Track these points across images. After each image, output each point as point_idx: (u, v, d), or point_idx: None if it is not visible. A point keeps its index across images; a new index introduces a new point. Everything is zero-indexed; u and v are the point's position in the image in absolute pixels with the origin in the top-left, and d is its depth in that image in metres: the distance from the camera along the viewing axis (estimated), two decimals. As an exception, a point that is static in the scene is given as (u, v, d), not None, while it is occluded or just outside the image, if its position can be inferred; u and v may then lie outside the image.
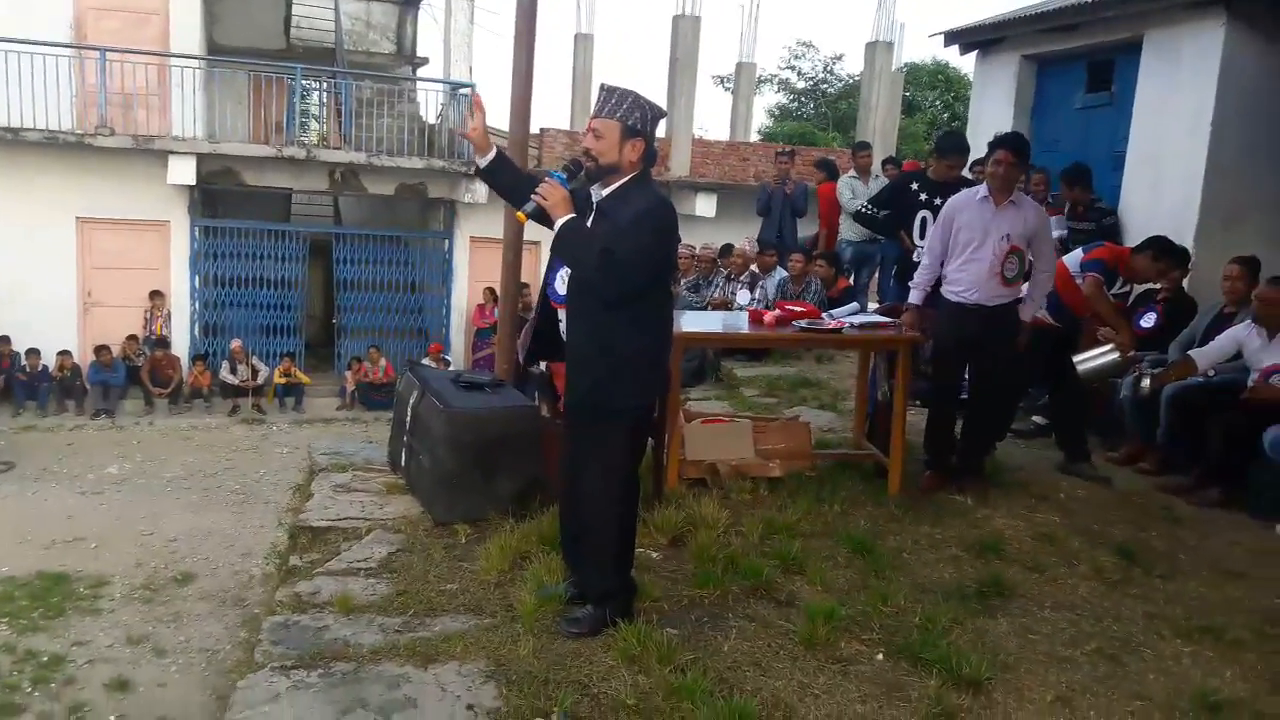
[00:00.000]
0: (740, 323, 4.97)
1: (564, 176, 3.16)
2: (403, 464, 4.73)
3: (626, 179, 3.19)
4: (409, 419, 4.62)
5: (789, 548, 4.07)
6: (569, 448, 3.39)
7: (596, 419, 3.24)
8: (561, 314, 3.48)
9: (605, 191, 3.22)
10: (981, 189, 4.90)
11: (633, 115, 3.15)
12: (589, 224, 3.19)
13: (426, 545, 4.10)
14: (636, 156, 3.18)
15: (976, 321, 4.85)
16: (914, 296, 5.08)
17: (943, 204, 5.53)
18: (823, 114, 31.68)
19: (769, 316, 4.98)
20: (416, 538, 4.17)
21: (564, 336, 3.44)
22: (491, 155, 3.30)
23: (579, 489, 3.36)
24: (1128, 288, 6.02)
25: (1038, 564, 4.23)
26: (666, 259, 3.36)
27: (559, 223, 3.10)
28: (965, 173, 7.78)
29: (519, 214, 3.26)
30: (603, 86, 3.22)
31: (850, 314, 5.28)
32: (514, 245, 4.94)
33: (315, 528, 4.27)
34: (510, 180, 3.37)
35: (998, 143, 4.88)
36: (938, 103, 31.01)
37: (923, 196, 5.67)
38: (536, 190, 3.12)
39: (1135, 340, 5.86)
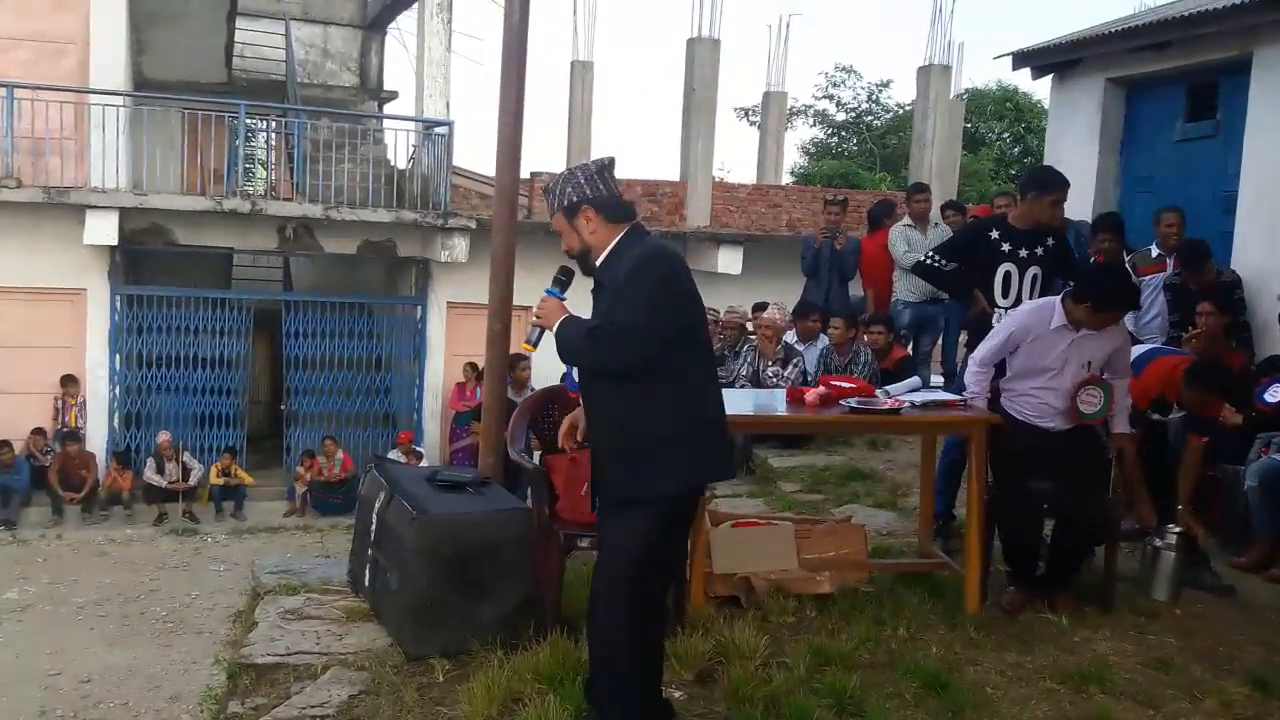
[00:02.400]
0: (776, 403, 4.95)
1: (557, 290, 3.59)
2: (366, 584, 4.69)
3: (611, 245, 3.53)
4: (374, 527, 4.60)
5: (844, 683, 4.02)
6: (602, 543, 3.70)
7: (623, 510, 3.51)
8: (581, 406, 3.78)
9: (597, 265, 3.57)
10: (1054, 313, 4.96)
11: (565, 196, 3.55)
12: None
13: (396, 686, 4.04)
14: (597, 224, 3.52)
15: (1052, 438, 4.98)
16: (973, 377, 5.11)
17: (1031, 255, 5.59)
18: (868, 150, 32.11)
19: (811, 395, 4.97)
20: (384, 676, 4.11)
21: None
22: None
23: (600, 585, 3.59)
24: None
25: (1152, 698, 4.16)
26: (678, 312, 3.47)
27: (554, 329, 3.50)
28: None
29: (526, 346, 3.73)
30: (545, 188, 3.75)
31: (910, 390, 5.27)
32: (501, 313, 4.97)
33: (260, 665, 4.22)
34: None
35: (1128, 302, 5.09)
36: (1006, 135, 31.42)
37: (1006, 246, 5.63)
38: (534, 314, 3.58)
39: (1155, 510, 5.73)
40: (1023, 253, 5.61)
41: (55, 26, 13.65)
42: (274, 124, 17.13)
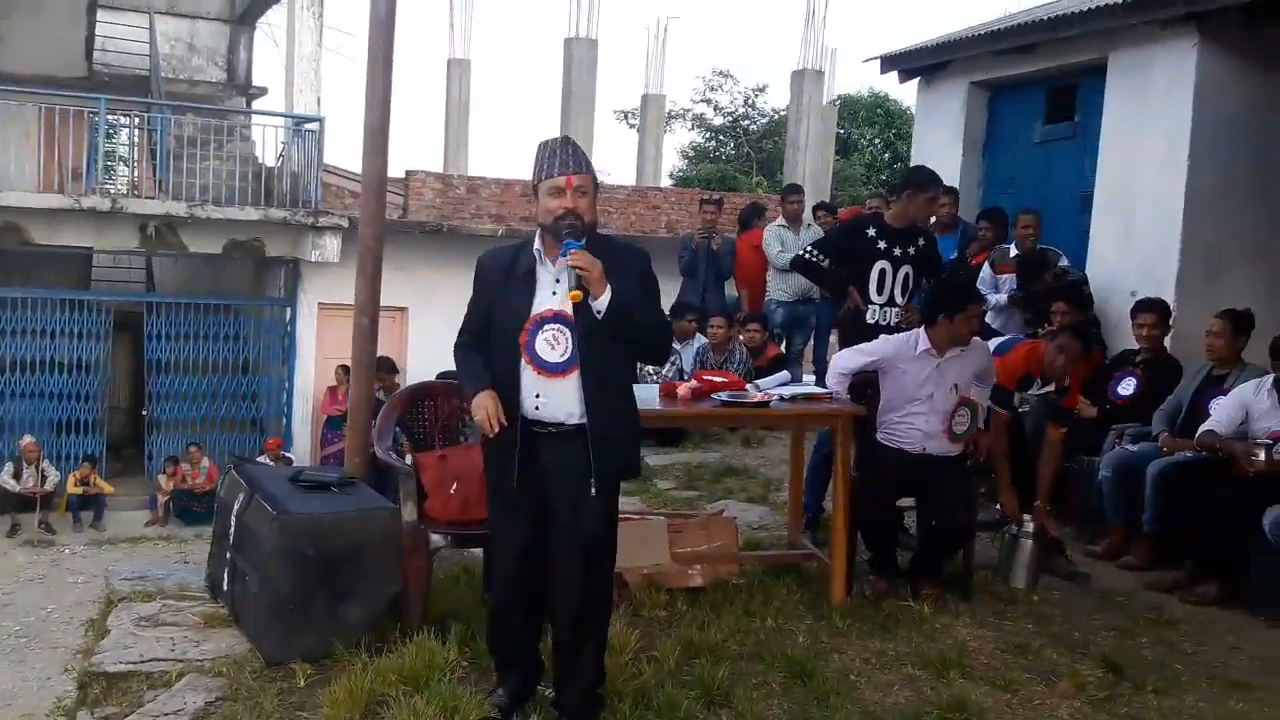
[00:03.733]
0: (649, 397, 4.96)
1: (580, 244, 3.46)
2: (225, 588, 4.56)
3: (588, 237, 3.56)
4: (233, 530, 4.48)
5: (713, 674, 4.04)
6: (579, 524, 3.59)
7: (611, 488, 3.67)
8: (542, 383, 3.55)
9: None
10: (918, 340, 5.12)
11: (593, 167, 3.60)
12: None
13: (255, 691, 3.92)
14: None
15: (920, 463, 5.13)
16: (834, 382, 5.22)
17: (904, 254, 5.74)
18: (745, 154, 32.47)
19: (683, 389, 5.00)
20: (242, 682, 3.99)
21: (530, 408, 3.57)
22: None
23: (582, 573, 3.62)
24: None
25: (1009, 682, 4.27)
26: None
27: (606, 297, 3.44)
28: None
29: (574, 294, 3.44)
30: (565, 139, 3.63)
31: (779, 384, 5.34)
32: (368, 308, 4.87)
33: (111, 673, 4.06)
34: None
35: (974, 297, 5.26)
36: (877, 141, 32.09)
37: (882, 244, 5.80)
38: (572, 261, 3.40)
39: (1017, 501, 5.86)
40: (897, 251, 5.77)
41: (-101, 15, 13.02)
42: (137, 120, 16.60)
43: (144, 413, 14.98)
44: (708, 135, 34.50)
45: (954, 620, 4.90)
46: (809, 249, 6.19)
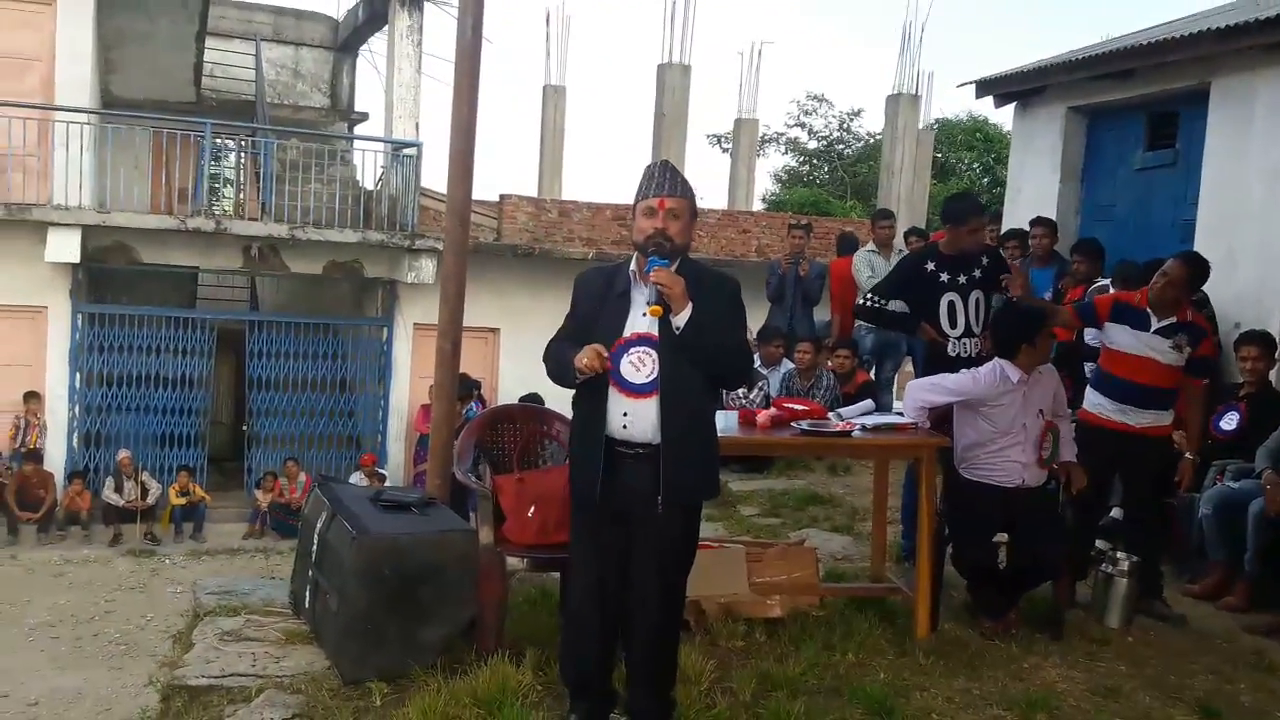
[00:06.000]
0: (728, 425, 4.90)
1: (666, 261, 3.50)
2: (307, 605, 4.60)
3: (680, 260, 3.59)
4: (315, 548, 4.51)
5: (789, 709, 3.96)
6: (655, 557, 3.62)
7: (689, 511, 3.70)
8: (627, 404, 3.57)
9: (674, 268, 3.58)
10: (1005, 371, 4.98)
11: (691, 192, 3.63)
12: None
13: (331, 710, 3.94)
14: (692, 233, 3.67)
15: (1015, 497, 5.00)
16: (912, 415, 5.10)
17: (969, 281, 5.56)
18: (839, 179, 32.24)
19: (762, 416, 4.93)
20: (319, 699, 4.01)
21: (618, 427, 3.59)
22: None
23: (659, 589, 3.64)
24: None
25: (1099, 727, 4.12)
26: None
27: (686, 314, 3.47)
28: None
29: (654, 308, 3.49)
30: (664, 163, 3.70)
31: (863, 413, 5.23)
32: (450, 332, 4.90)
33: (193, 687, 4.11)
34: None
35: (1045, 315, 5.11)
36: (975, 165, 31.62)
37: (944, 277, 5.59)
38: (654, 277, 3.45)
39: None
40: (961, 279, 5.58)
41: (19, 44, 13.51)
42: (243, 144, 17.06)
43: (244, 428, 15.33)
44: (801, 159, 34.35)
45: (1043, 660, 4.75)
46: (869, 295, 5.89)
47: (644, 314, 3.57)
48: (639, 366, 3.55)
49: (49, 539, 12.99)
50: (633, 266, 3.65)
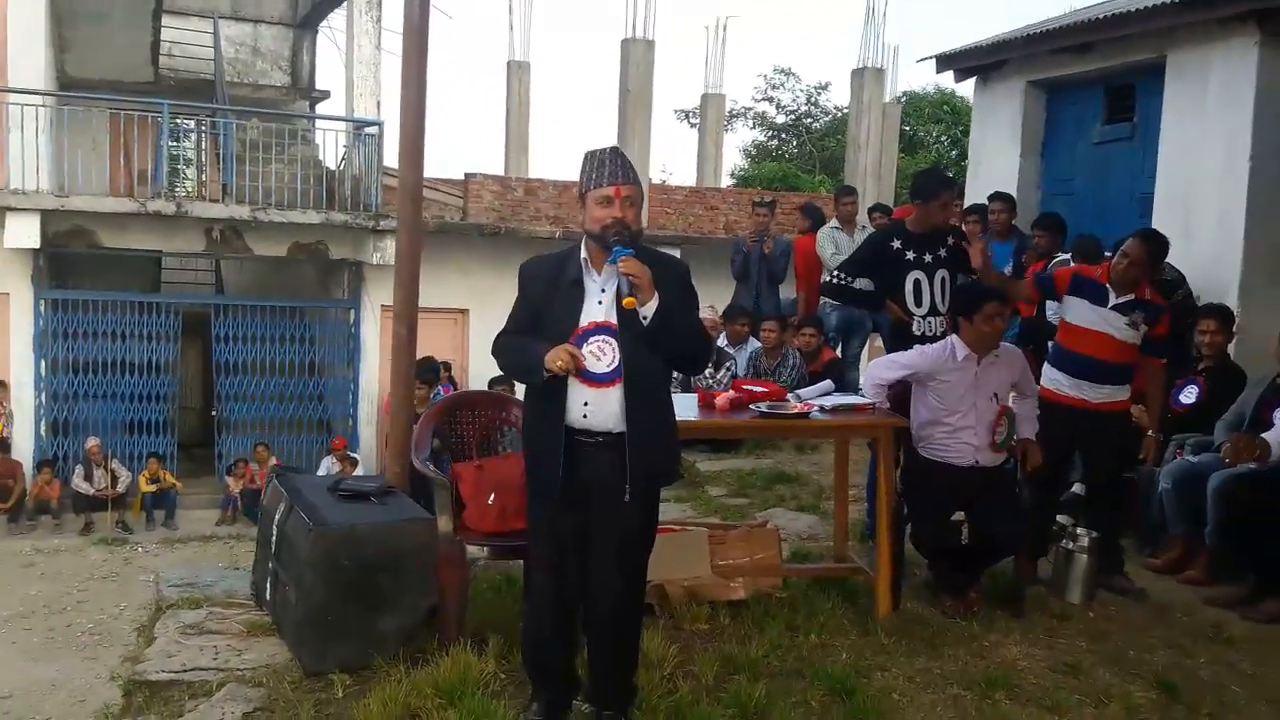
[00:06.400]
0: (686, 407, 4.88)
1: (631, 250, 3.43)
2: (268, 597, 4.58)
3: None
4: (274, 539, 4.48)
5: (750, 692, 3.97)
6: (617, 543, 3.62)
7: (648, 496, 3.68)
8: (588, 393, 3.55)
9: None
10: (955, 347, 4.99)
11: (639, 178, 3.62)
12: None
13: (292, 702, 3.93)
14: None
15: (970, 476, 5.00)
16: (871, 394, 5.11)
17: (935, 260, 5.56)
18: (808, 153, 32.19)
19: (721, 399, 4.93)
20: (280, 692, 4.00)
21: (578, 417, 3.57)
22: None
23: (620, 576, 3.64)
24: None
25: (1057, 703, 4.15)
26: None
27: (654, 304, 3.43)
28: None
29: (629, 301, 3.42)
30: (615, 149, 3.61)
31: (822, 394, 5.24)
32: (406, 316, 4.86)
33: (154, 682, 4.10)
34: None
35: (987, 295, 5.02)
36: (943, 138, 31.61)
37: (910, 254, 5.60)
38: (623, 268, 3.40)
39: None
40: (927, 257, 5.60)
41: (-30, 24, 13.31)
42: (203, 124, 16.84)
43: (214, 413, 15.21)
44: (770, 134, 34.25)
45: (1004, 638, 4.76)
46: (836, 273, 5.94)
47: (599, 303, 3.56)
48: (599, 356, 3.53)
49: (19, 529, 12.91)
50: (584, 255, 3.61)
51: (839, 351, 9.69)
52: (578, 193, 3.67)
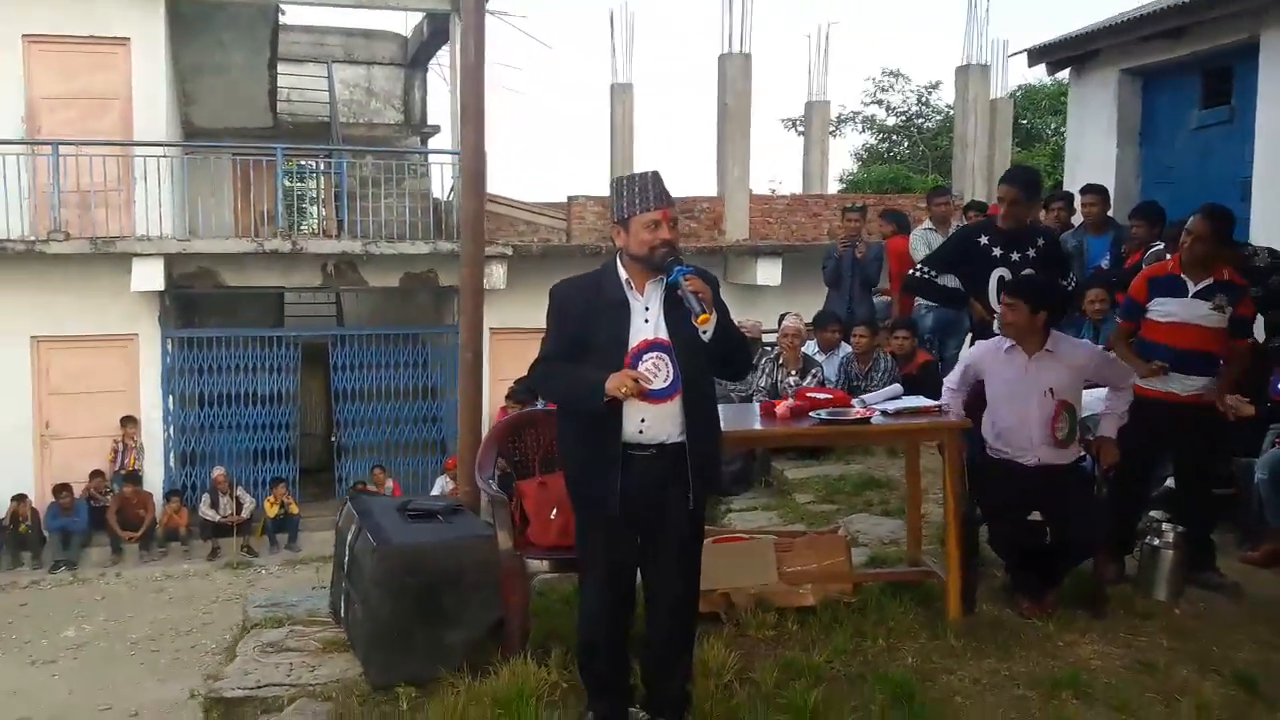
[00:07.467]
0: (748, 417, 4.89)
1: (691, 269, 3.58)
2: (343, 614, 4.72)
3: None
4: (346, 559, 4.63)
5: (807, 697, 3.95)
6: (677, 548, 3.72)
7: (701, 502, 3.75)
8: (645, 409, 3.61)
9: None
10: (1003, 340, 4.91)
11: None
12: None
13: (359, 716, 4.04)
14: None
15: (1036, 473, 4.89)
16: (946, 396, 5.06)
17: (1023, 258, 5.45)
18: (919, 153, 31.68)
19: (781, 408, 4.91)
20: (349, 706, 4.12)
21: (634, 432, 3.63)
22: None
23: (678, 583, 3.74)
24: None
25: (1126, 702, 4.03)
26: None
27: (716, 320, 3.55)
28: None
29: (704, 316, 3.52)
30: (655, 174, 3.70)
31: (888, 398, 5.17)
32: (471, 343, 4.98)
33: (229, 699, 4.25)
34: None
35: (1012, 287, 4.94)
36: (1062, 130, 30.75)
37: (996, 251, 5.51)
38: (691, 286, 3.51)
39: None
40: (1014, 255, 5.48)
41: (98, 84, 14.07)
42: (322, 164, 17.47)
43: (333, 439, 15.69)
44: (880, 136, 33.81)
45: (1080, 638, 4.63)
46: (920, 266, 5.88)
47: (646, 321, 3.64)
48: (655, 373, 3.60)
49: (150, 556, 13.53)
50: (624, 275, 3.68)
51: (936, 353, 9.51)
52: (617, 217, 3.72)
